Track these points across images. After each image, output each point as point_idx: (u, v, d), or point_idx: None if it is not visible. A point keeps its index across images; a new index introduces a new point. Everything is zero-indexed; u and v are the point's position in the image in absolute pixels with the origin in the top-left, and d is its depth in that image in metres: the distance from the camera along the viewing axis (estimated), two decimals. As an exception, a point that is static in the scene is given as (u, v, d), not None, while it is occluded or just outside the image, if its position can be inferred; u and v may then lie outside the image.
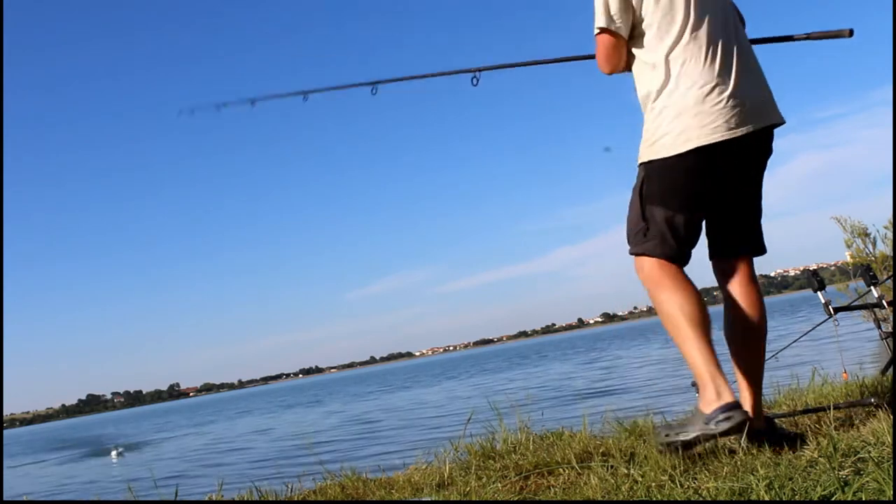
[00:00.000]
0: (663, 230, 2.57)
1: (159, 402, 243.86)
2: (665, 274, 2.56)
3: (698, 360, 2.46)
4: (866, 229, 10.79)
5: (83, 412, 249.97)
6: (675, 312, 2.50)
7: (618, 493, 2.21)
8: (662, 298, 2.54)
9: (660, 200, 2.57)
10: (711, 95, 2.48)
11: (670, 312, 2.51)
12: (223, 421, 37.50)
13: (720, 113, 2.47)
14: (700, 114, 2.47)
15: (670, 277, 2.55)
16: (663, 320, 2.55)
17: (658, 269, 2.57)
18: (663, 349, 27.84)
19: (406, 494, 2.86)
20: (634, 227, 2.64)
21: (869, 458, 1.99)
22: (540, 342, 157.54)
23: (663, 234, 2.57)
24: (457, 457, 3.33)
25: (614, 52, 2.63)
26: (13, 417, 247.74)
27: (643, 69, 2.61)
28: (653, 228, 2.59)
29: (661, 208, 2.57)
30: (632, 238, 2.65)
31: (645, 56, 2.59)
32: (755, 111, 2.53)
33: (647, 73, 2.59)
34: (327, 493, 3.20)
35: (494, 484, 2.64)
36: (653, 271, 2.58)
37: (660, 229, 2.57)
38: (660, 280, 2.56)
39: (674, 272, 2.56)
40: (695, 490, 2.09)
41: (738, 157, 2.54)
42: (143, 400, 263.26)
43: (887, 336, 3.99)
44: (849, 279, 11.21)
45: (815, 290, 4.07)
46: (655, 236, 2.58)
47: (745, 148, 2.54)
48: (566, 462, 2.72)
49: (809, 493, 1.86)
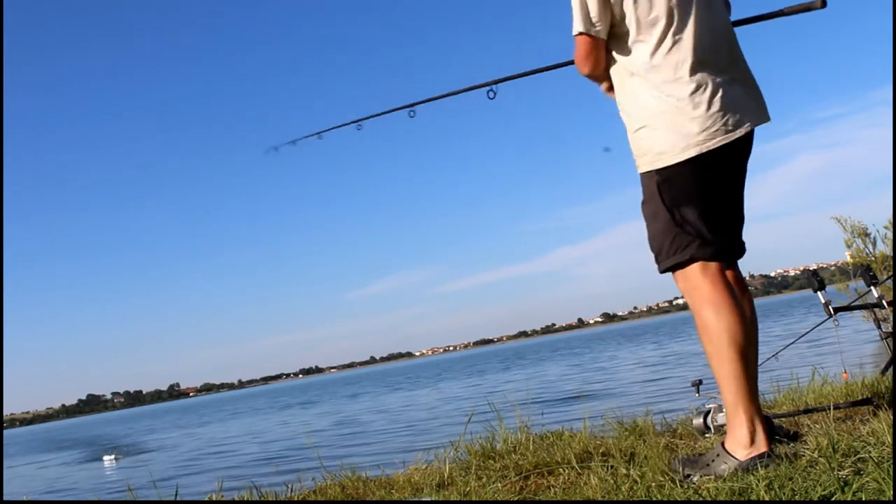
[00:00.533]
0: (700, 228, 2.41)
1: (159, 402, 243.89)
2: (712, 285, 2.38)
3: (737, 395, 2.29)
4: (866, 229, 10.80)
5: (83, 412, 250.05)
6: (722, 337, 2.31)
7: (618, 493, 2.21)
8: (708, 316, 2.35)
9: (685, 199, 2.42)
10: (702, 98, 2.38)
11: (715, 335, 2.32)
12: (215, 423, 37.52)
13: (714, 117, 2.38)
14: (694, 119, 2.38)
15: (719, 290, 2.37)
16: (704, 340, 2.36)
17: (703, 278, 2.40)
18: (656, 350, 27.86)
19: (406, 494, 2.87)
20: (666, 238, 2.45)
21: (869, 458, 1.99)
22: (540, 342, 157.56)
23: (701, 231, 2.41)
24: (457, 457, 3.34)
25: (593, 55, 2.52)
26: (13, 417, 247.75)
27: (622, 73, 2.51)
28: (688, 230, 2.41)
29: (691, 207, 2.42)
30: (666, 251, 2.45)
31: (626, 61, 2.48)
32: (747, 111, 2.45)
33: (627, 79, 2.49)
34: (327, 493, 3.21)
35: (494, 484, 2.64)
36: (698, 281, 2.40)
37: (696, 228, 2.41)
38: (709, 294, 2.37)
39: (721, 282, 2.39)
40: (695, 490, 2.09)
41: (731, 159, 2.47)
42: (143, 400, 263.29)
43: (887, 336, 3.99)
44: (849, 279, 11.21)
45: (815, 290, 4.07)
46: (693, 238, 2.41)
47: (736, 150, 2.46)
48: (566, 462, 2.72)
49: (809, 493, 1.86)
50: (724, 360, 2.31)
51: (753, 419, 2.28)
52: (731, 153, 2.45)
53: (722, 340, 2.31)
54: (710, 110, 2.39)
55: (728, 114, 2.40)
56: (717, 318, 2.33)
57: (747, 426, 2.27)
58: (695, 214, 2.42)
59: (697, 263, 2.40)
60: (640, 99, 2.47)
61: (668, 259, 2.45)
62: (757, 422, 2.28)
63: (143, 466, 18.35)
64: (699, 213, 2.42)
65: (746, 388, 2.30)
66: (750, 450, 2.25)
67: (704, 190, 2.43)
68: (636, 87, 2.48)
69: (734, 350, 2.30)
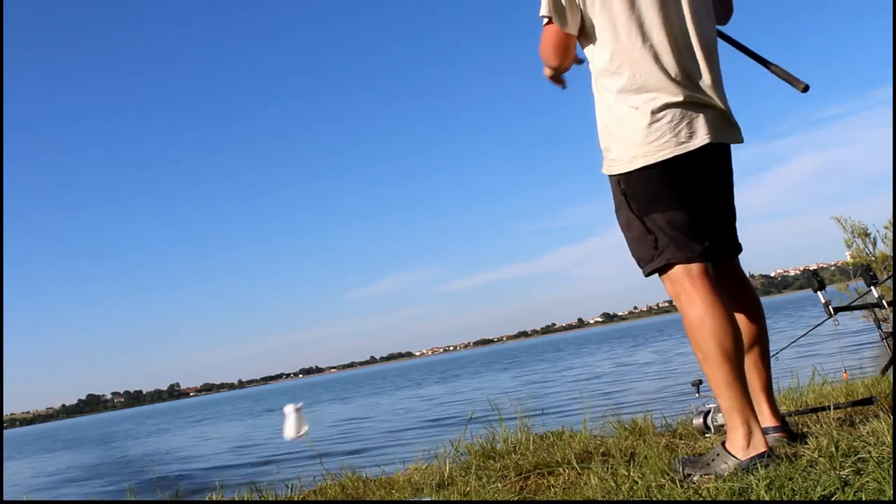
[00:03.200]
0: (672, 233, 2.38)
1: (159, 402, 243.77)
2: (696, 285, 2.34)
3: (730, 398, 2.27)
4: (866, 229, 10.78)
5: (83, 412, 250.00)
6: (707, 340, 2.28)
7: (618, 494, 2.21)
8: (693, 317, 2.31)
9: (652, 205, 2.39)
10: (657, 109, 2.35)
11: (702, 340, 2.29)
12: (215, 423, 37.51)
13: (664, 129, 2.34)
14: (644, 130, 2.35)
15: (702, 291, 2.33)
16: (692, 344, 2.33)
17: (687, 278, 2.35)
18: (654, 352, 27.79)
19: (406, 494, 2.86)
20: (642, 245, 2.43)
21: (869, 458, 1.99)
22: (540, 342, 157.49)
23: (674, 237, 2.37)
24: (457, 457, 3.34)
25: (558, 46, 2.49)
26: (13, 417, 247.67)
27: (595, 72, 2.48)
28: (661, 236, 2.39)
29: (658, 213, 2.39)
30: (645, 259, 2.43)
31: (597, 58, 2.46)
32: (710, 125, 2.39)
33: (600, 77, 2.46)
34: (327, 493, 3.21)
35: (494, 484, 2.64)
36: (682, 282, 2.36)
37: (669, 233, 2.38)
38: (692, 294, 2.33)
39: (705, 282, 2.34)
40: (695, 490, 2.09)
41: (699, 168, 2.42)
42: (143, 400, 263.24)
43: (887, 336, 3.99)
44: (849, 279, 11.20)
45: (815, 290, 4.07)
46: (667, 243, 2.38)
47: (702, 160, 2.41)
48: (566, 462, 2.72)
49: (809, 493, 1.85)
50: (713, 364, 2.28)
51: (749, 420, 2.26)
52: (696, 163, 2.40)
53: (709, 345, 2.28)
54: (662, 122, 2.35)
55: (682, 126, 2.36)
56: (701, 323, 2.29)
57: (743, 428, 2.26)
58: (664, 220, 2.39)
59: (679, 266, 2.37)
60: (603, 100, 2.47)
61: (648, 265, 2.43)
62: (753, 424, 2.27)
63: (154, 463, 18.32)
64: (669, 219, 2.39)
65: (738, 391, 2.28)
66: (748, 450, 2.25)
67: (673, 195, 2.39)
68: (600, 88, 2.48)
69: (721, 354, 2.27)
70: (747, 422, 2.27)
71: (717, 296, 2.33)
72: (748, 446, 2.25)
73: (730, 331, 2.29)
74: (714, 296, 2.33)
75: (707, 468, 2.26)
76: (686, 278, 2.36)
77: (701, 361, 2.33)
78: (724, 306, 2.32)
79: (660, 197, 2.40)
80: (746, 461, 2.22)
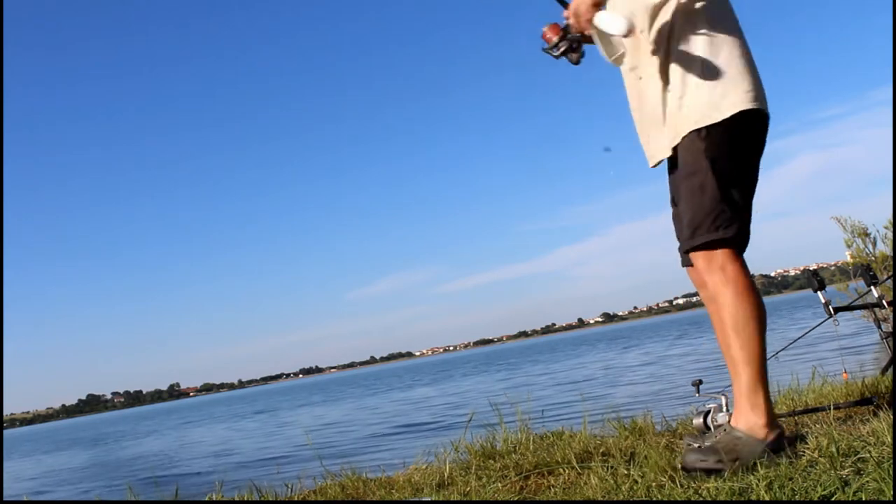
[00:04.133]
0: (744, 215, 2.36)
1: (159, 402, 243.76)
2: (739, 267, 2.35)
3: (759, 376, 2.30)
4: (866, 229, 10.79)
5: (83, 412, 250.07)
6: (749, 319, 2.31)
7: (618, 493, 2.21)
8: (734, 297, 2.32)
9: (737, 176, 2.35)
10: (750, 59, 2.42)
11: (741, 316, 2.31)
12: (215, 423, 37.51)
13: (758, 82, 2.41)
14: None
15: (743, 273, 2.35)
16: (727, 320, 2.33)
17: (730, 259, 2.34)
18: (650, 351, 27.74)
19: (406, 494, 2.86)
20: (710, 212, 2.33)
21: (869, 458, 1.99)
22: (540, 342, 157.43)
23: (744, 219, 2.36)
24: (457, 457, 3.33)
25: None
26: (13, 417, 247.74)
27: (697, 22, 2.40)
28: (733, 214, 2.34)
29: (738, 188, 2.35)
30: (705, 226, 2.33)
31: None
32: None
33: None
34: (327, 493, 3.21)
35: (494, 484, 2.64)
36: (725, 261, 2.34)
37: (741, 214, 2.35)
38: (734, 275, 2.33)
39: (744, 265, 2.37)
40: (695, 490, 2.09)
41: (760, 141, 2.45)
42: (143, 400, 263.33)
43: (887, 336, 3.98)
44: (849, 279, 11.21)
45: (815, 290, 4.07)
46: (734, 222, 2.33)
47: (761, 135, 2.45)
48: (566, 462, 2.72)
49: (809, 493, 1.86)
50: (748, 341, 2.31)
51: (768, 401, 2.31)
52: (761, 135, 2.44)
53: (749, 322, 2.31)
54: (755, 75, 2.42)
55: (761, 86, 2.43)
56: (743, 300, 2.32)
57: (765, 406, 2.29)
58: (742, 199, 2.38)
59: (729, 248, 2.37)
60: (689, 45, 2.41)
61: (705, 235, 2.34)
62: (770, 405, 2.31)
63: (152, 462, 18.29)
64: (746, 199, 2.39)
65: (765, 370, 2.33)
66: (770, 431, 2.28)
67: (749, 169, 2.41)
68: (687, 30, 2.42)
69: (759, 332, 2.32)
70: (769, 399, 2.31)
71: (751, 277, 2.39)
72: (769, 425, 2.28)
73: (764, 311, 2.35)
74: (750, 276, 2.38)
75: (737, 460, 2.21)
76: (730, 256, 2.36)
77: (730, 338, 2.33)
78: (757, 287, 2.39)
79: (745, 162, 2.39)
80: (772, 441, 2.25)
